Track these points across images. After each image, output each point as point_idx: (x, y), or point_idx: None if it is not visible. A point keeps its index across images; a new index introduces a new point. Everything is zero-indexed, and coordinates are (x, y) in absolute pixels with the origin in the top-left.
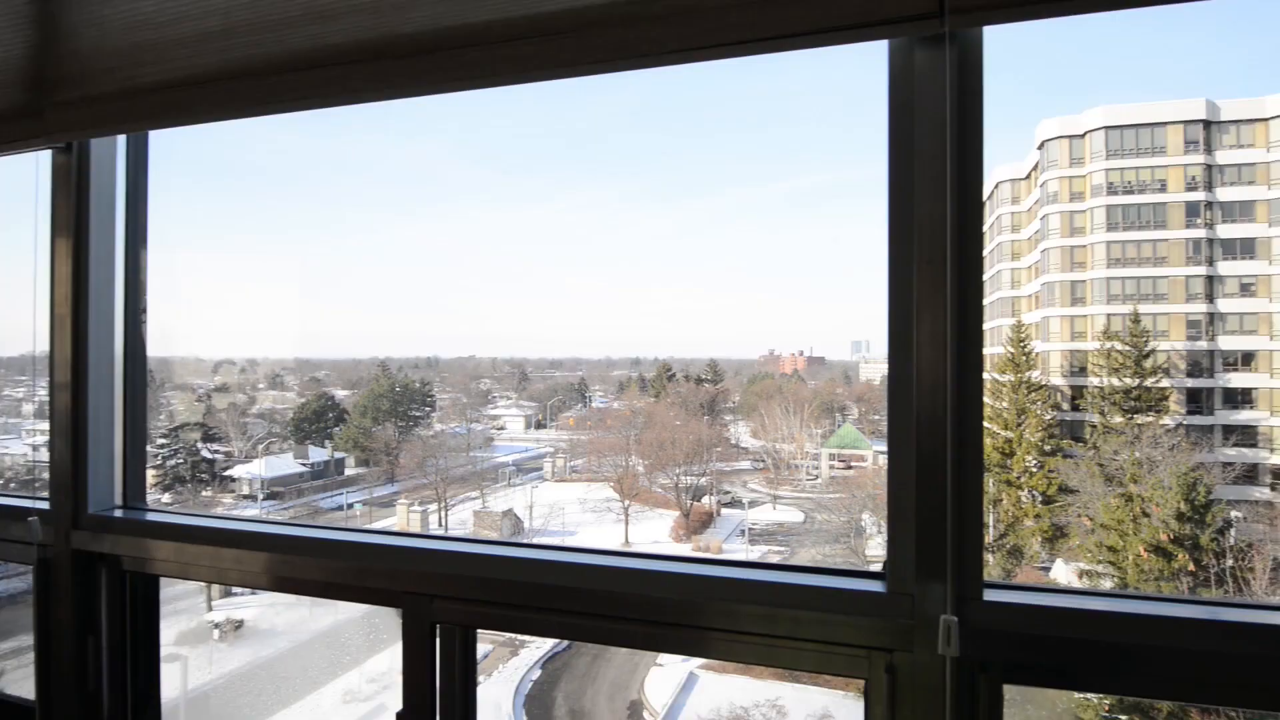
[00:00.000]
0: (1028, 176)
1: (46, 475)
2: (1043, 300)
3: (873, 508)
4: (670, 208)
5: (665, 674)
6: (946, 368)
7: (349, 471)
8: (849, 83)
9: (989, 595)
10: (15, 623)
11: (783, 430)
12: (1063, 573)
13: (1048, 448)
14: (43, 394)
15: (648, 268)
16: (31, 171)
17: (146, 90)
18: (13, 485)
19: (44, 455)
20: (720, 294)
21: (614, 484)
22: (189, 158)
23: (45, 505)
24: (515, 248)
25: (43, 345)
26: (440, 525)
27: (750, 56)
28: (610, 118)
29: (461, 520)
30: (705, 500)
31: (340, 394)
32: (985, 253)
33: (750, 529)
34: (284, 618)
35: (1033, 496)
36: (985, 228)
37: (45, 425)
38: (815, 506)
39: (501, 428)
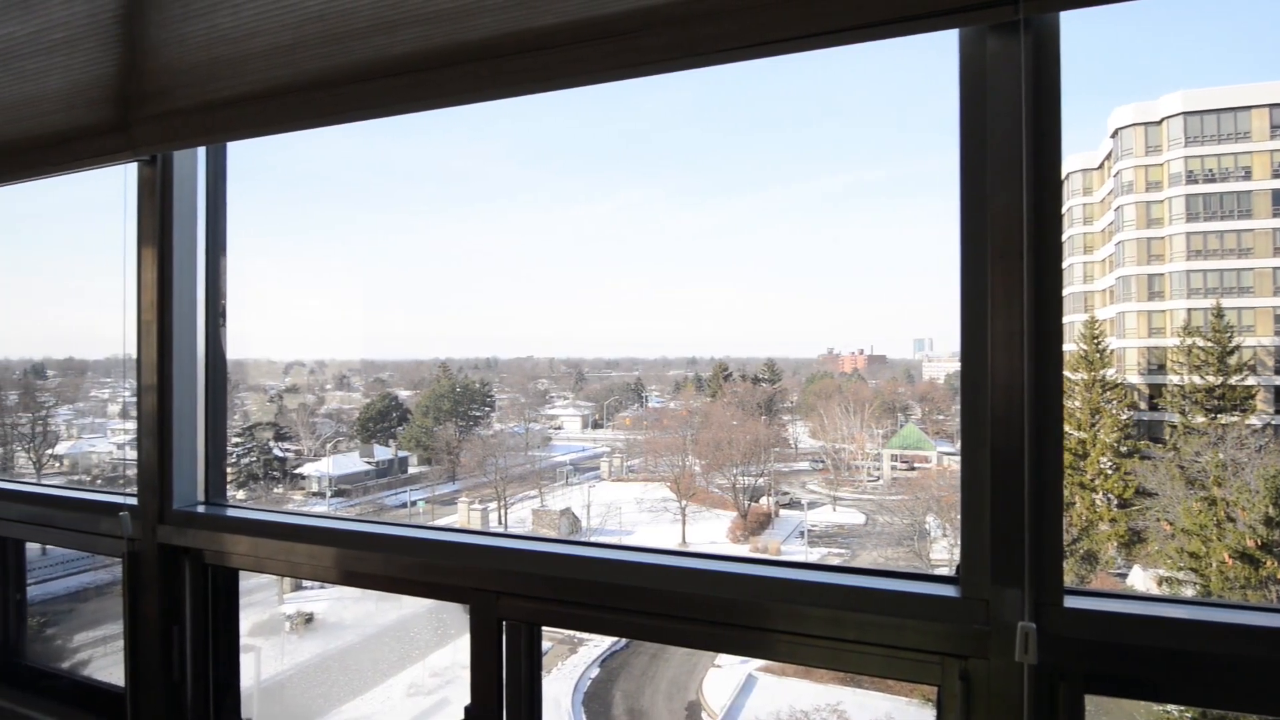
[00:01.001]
0: (1100, 166)
1: (130, 472)
2: (1118, 295)
3: (937, 510)
4: (724, 205)
5: (724, 675)
6: (1023, 366)
7: (412, 470)
8: (905, 76)
9: (1069, 602)
10: (102, 612)
11: (842, 430)
12: (1140, 579)
13: (1124, 449)
14: (126, 395)
15: (704, 266)
16: (120, 184)
17: (224, 103)
18: (99, 482)
19: (128, 453)
20: (777, 292)
21: (670, 484)
22: (259, 167)
23: (133, 501)
24: (571, 248)
25: (130, 349)
26: (500, 523)
27: (817, 50)
28: (663, 116)
29: (520, 518)
30: (763, 501)
31: (403, 394)
32: None
33: (809, 530)
34: (351, 611)
35: (1108, 500)
36: None
37: (129, 425)
38: (877, 508)
39: (559, 427)
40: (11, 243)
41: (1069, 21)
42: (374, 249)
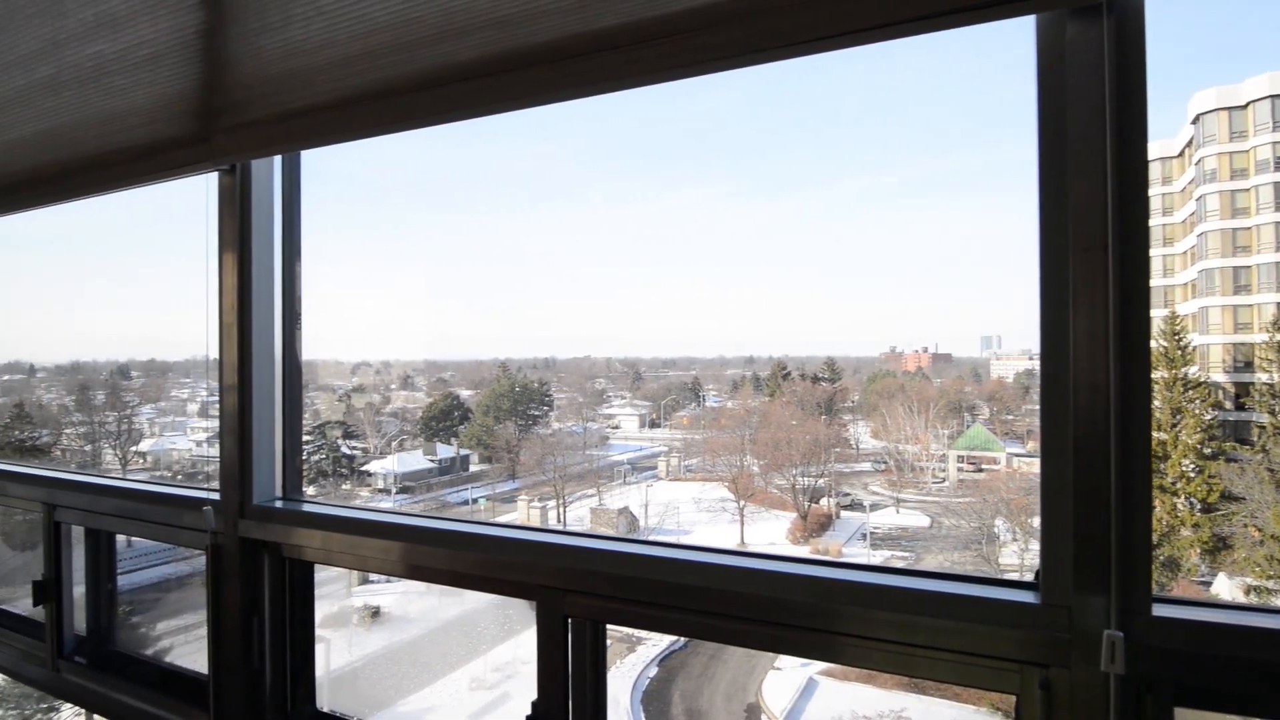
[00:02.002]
0: (1180, 154)
1: (207, 468)
2: (1200, 289)
3: (1006, 513)
4: (782, 203)
5: (783, 678)
6: (1108, 365)
7: (473, 468)
8: (967, 66)
9: (1158, 610)
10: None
11: (906, 430)
12: (1225, 588)
13: (1207, 450)
14: (204, 394)
15: (762, 264)
16: (201, 193)
17: (297, 113)
18: (179, 477)
19: (205, 450)
20: (837, 290)
21: (729, 484)
22: (324, 172)
23: (216, 496)
24: (628, 248)
25: (212, 351)
26: (559, 521)
27: (886, 42)
28: (719, 114)
29: (579, 517)
30: (824, 502)
31: (465, 394)
32: None
33: (872, 533)
34: (415, 606)
35: (1190, 504)
36: None
37: (207, 423)
38: (942, 511)
39: (616, 427)
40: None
41: (1150, 1)
42: (436, 251)
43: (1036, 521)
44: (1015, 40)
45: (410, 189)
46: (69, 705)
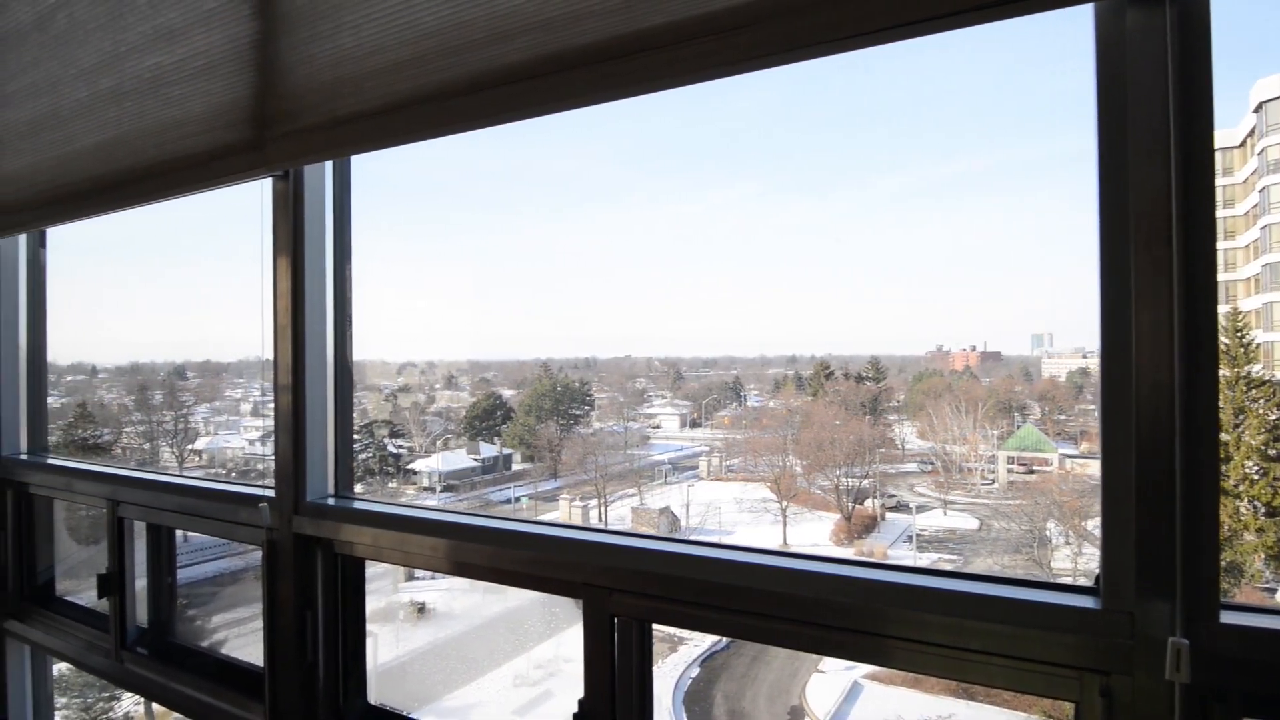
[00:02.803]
0: (1242, 144)
1: (259, 466)
2: (1264, 284)
3: (1059, 516)
4: (825, 200)
5: (827, 681)
6: (1172, 361)
7: (516, 467)
8: (1012, 57)
9: (1225, 617)
10: (235, 597)
11: (953, 431)
12: None
13: (1272, 452)
14: (256, 395)
15: (803, 263)
16: (256, 198)
17: (348, 119)
18: (233, 475)
19: (258, 449)
20: (881, 288)
21: (771, 484)
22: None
23: (270, 493)
24: (667, 247)
25: (266, 352)
26: (600, 520)
27: (936, 34)
28: (757, 112)
29: (620, 516)
30: (868, 503)
31: (507, 393)
32: None
33: (918, 535)
34: (460, 603)
35: (1254, 507)
36: None
37: (259, 422)
38: (991, 513)
39: (657, 426)
40: (159, 256)
41: None
42: (478, 252)
43: (1091, 524)
44: (1066, 28)
45: (453, 190)
46: (128, 695)
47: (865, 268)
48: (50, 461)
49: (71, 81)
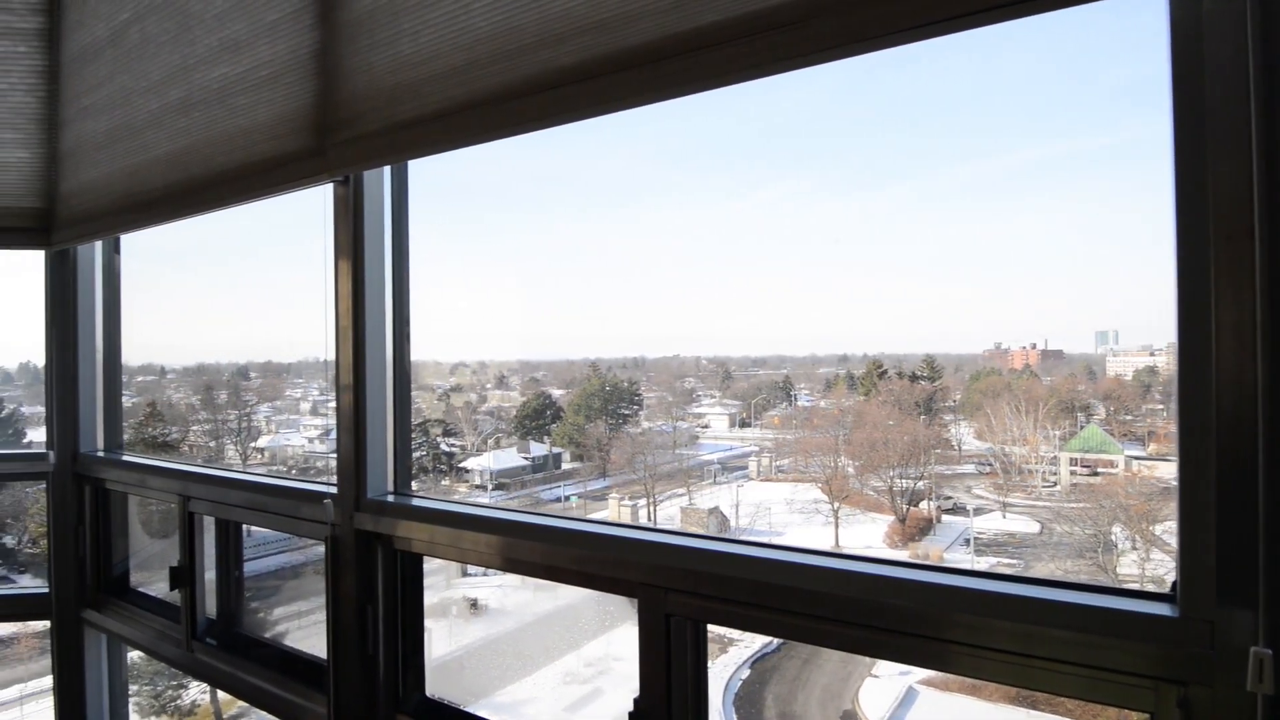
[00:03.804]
0: None
1: (318, 464)
2: None
3: (1125, 520)
4: (877, 195)
5: (881, 686)
6: (1256, 360)
7: (565, 466)
8: (1077, 45)
9: None
10: (295, 590)
11: (1013, 431)
12: None
13: None
14: (315, 394)
15: (855, 259)
16: (319, 203)
17: (406, 124)
18: (293, 472)
19: (317, 447)
20: (936, 284)
21: (822, 485)
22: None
23: (333, 490)
24: (714, 246)
25: (327, 353)
26: (649, 520)
27: (1004, 22)
28: (806, 107)
29: (669, 516)
30: (923, 505)
31: (556, 393)
32: None
33: (976, 538)
34: (510, 600)
35: None
36: None
37: (317, 421)
38: (1053, 516)
39: (706, 426)
40: (224, 262)
41: None
42: (526, 252)
43: (1160, 529)
44: (1137, 13)
45: (500, 191)
46: (195, 683)
47: (919, 264)
48: (125, 459)
49: (143, 94)
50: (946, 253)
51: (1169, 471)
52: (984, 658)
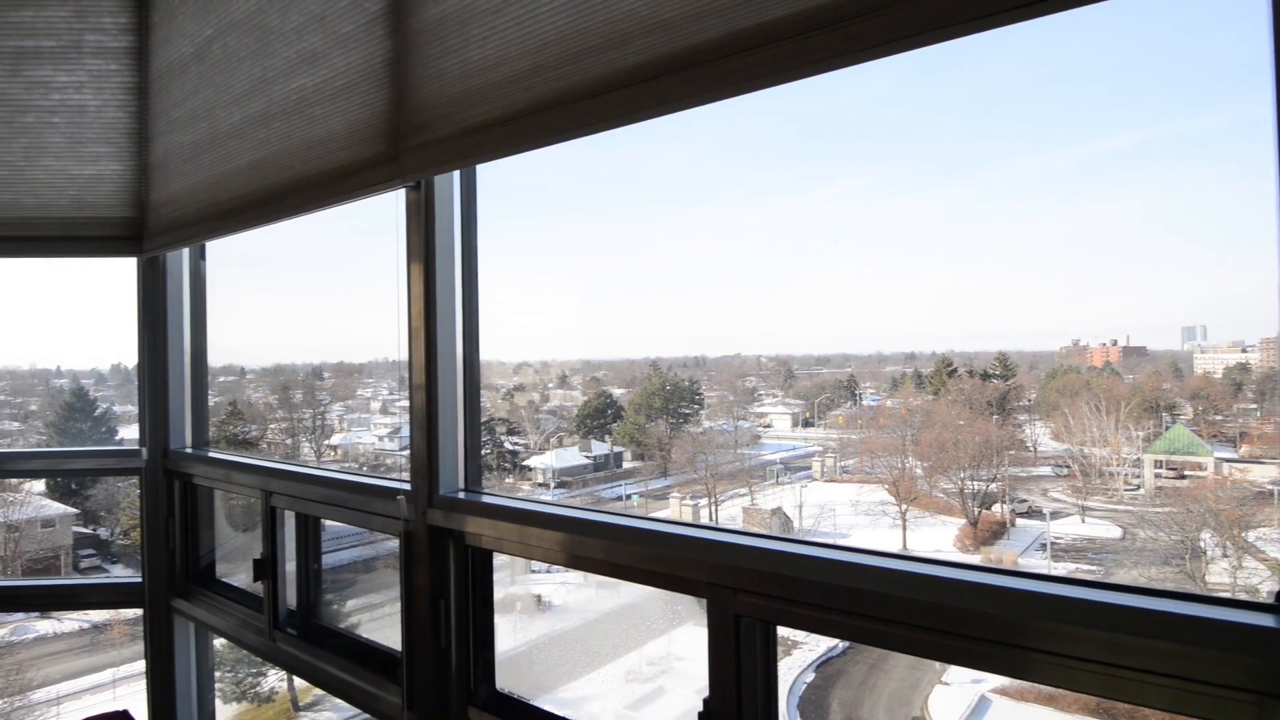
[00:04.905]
0: None
1: (389, 461)
2: None
3: (1215, 525)
4: (944, 188)
5: (951, 694)
6: None
7: (626, 464)
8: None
9: None
10: (368, 584)
11: (1092, 432)
12: None
13: None
14: (384, 394)
15: (923, 255)
16: (391, 208)
17: (475, 129)
18: (364, 469)
19: (387, 445)
20: (1009, 279)
21: (889, 486)
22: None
23: (406, 486)
24: (776, 243)
25: (400, 354)
26: (711, 519)
27: (1088, 7)
28: (868, 100)
29: (730, 516)
30: (996, 508)
31: (617, 392)
32: None
33: (1053, 543)
34: (574, 597)
35: None
36: None
37: (387, 419)
38: (1136, 521)
39: (768, 425)
40: (300, 266)
41: None
42: (588, 254)
43: (1254, 536)
44: None
45: (559, 191)
46: (273, 672)
47: (991, 258)
48: (211, 455)
49: (226, 106)
50: (1020, 245)
51: (1264, 475)
52: (1069, 667)
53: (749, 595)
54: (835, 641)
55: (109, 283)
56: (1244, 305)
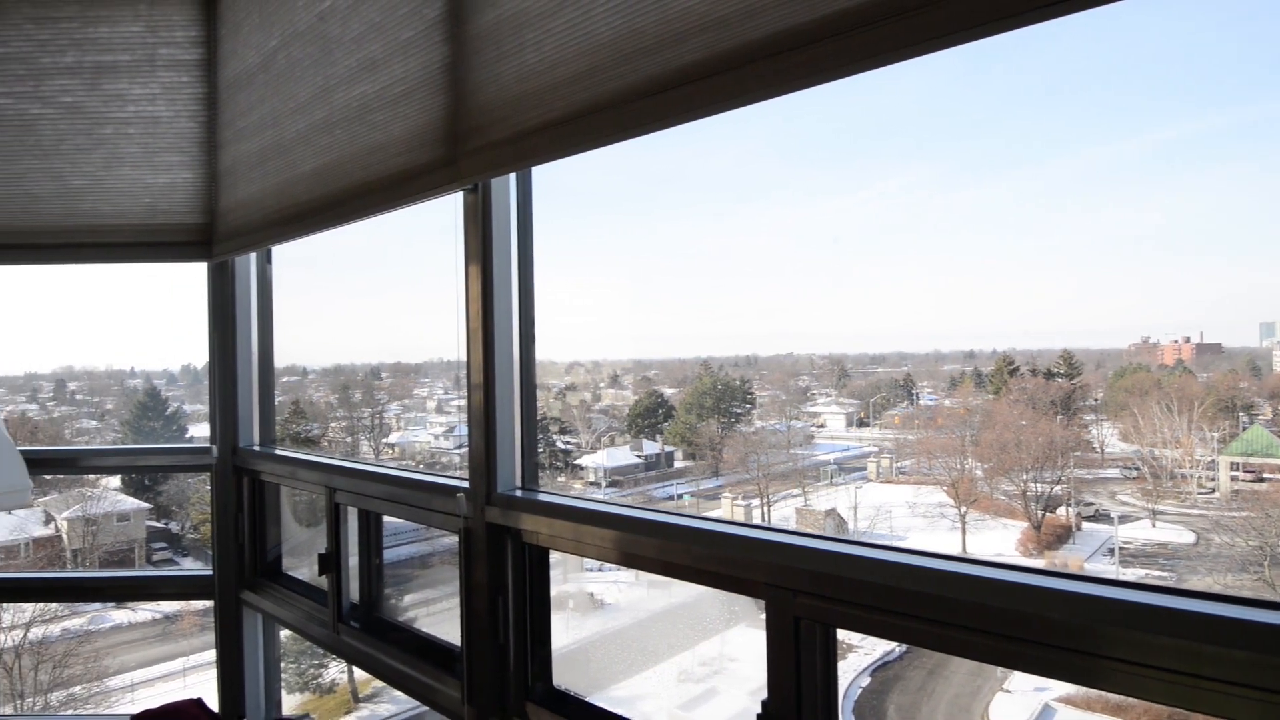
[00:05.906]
0: None
1: (444, 460)
2: None
3: None
4: (1005, 181)
5: (1014, 701)
6: None
7: (677, 464)
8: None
9: None
10: (425, 579)
11: (1164, 433)
12: None
13: None
14: (440, 393)
15: (981, 251)
16: (450, 211)
17: (532, 131)
18: (421, 466)
19: (443, 443)
20: (1074, 274)
21: (947, 488)
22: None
23: (465, 484)
24: (828, 241)
25: (457, 354)
26: (764, 520)
27: None
28: (924, 92)
29: (784, 516)
30: (1060, 511)
31: (668, 392)
32: None
33: (1121, 548)
34: (625, 596)
35: None
36: None
37: (442, 418)
38: (1211, 526)
39: (821, 425)
40: (360, 269)
41: None
42: (638, 254)
43: None
44: None
45: (611, 191)
46: (334, 664)
47: (1054, 253)
48: (277, 452)
49: (291, 114)
50: (1085, 239)
51: None
52: (1143, 675)
53: (808, 597)
54: (891, 646)
55: (180, 287)
56: None
